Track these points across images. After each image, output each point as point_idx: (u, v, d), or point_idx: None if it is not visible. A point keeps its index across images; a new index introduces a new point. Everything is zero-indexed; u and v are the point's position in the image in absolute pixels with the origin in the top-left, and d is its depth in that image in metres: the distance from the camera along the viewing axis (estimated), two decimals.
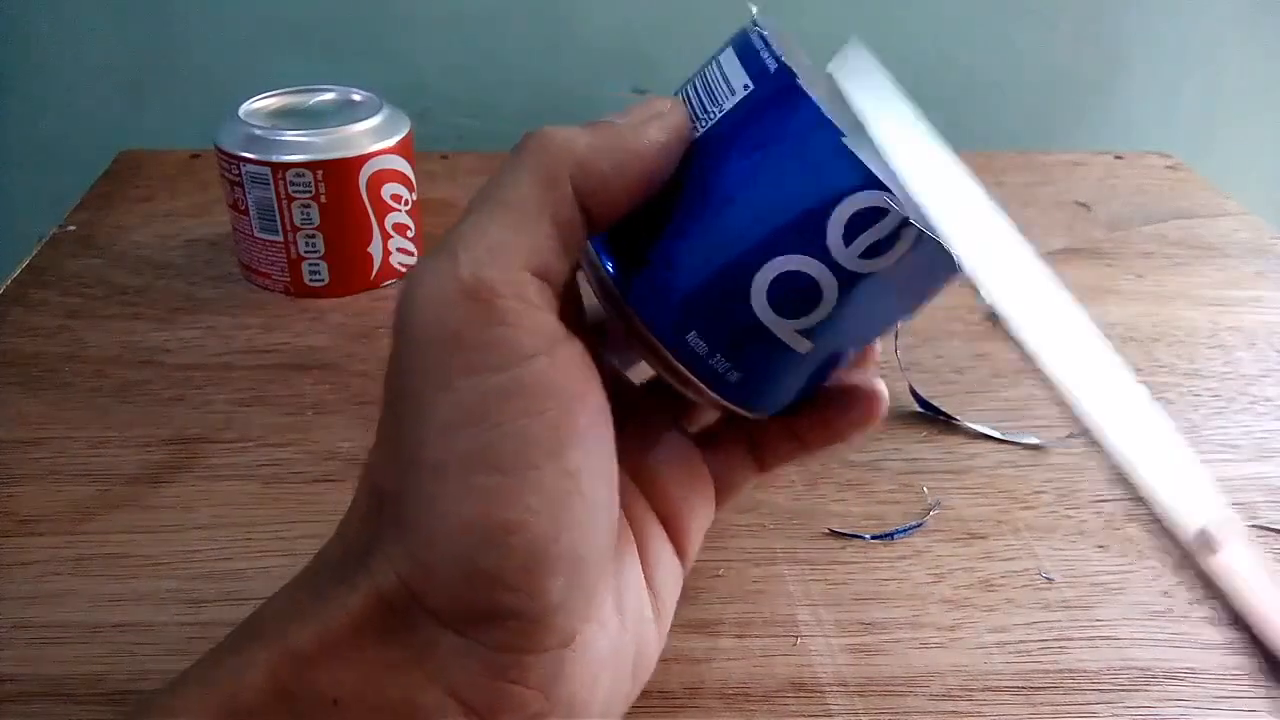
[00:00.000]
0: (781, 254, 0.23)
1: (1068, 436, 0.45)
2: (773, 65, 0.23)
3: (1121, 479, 0.18)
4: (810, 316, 0.24)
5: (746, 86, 0.24)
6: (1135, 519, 0.40)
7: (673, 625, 0.34)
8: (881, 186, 0.22)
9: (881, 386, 0.28)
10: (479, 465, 0.20)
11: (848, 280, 0.23)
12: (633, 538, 0.27)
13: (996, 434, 0.45)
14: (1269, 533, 0.40)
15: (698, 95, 0.25)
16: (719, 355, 0.25)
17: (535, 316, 0.21)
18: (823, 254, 0.23)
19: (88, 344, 0.49)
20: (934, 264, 0.24)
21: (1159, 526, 0.19)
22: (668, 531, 0.28)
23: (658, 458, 0.28)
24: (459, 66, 0.74)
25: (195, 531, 0.38)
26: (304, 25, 0.74)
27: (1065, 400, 0.21)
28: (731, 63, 0.24)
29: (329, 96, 0.55)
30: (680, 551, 0.29)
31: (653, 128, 0.23)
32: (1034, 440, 0.44)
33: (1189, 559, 0.19)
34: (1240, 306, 0.56)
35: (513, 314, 0.20)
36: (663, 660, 0.33)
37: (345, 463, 0.41)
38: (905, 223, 0.23)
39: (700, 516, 0.29)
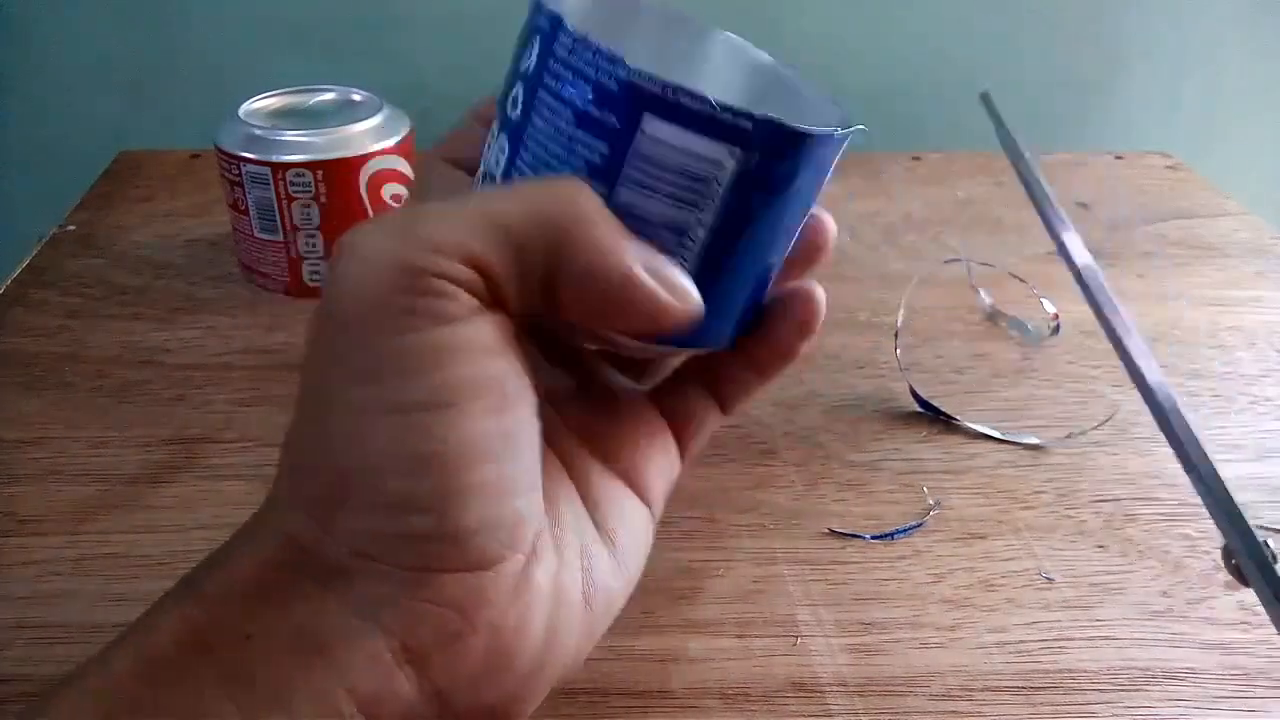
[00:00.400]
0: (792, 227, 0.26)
1: (1067, 436, 0.45)
2: (746, 123, 0.22)
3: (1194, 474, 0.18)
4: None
5: (731, 154, 0.23)
6: (1135, 519, 0.40)
7: (673, 625, 0.34)
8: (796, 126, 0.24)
9: (816, 289, 0.29)
10: (400, 408, 0.22)
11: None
12: (570, 481, 0.28)
13: (996, 434, 0.45)
14: (1269, 532, 0.40)
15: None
16: (739, 326, 0.27)
17: (456, 292, 0.22)
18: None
19: (88, 344, 0.49)
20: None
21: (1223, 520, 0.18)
22: (625, 480, 0.29)
23: (597, 409, 0.29)
24: (459, 66, 0.74)
25: (195, 531, 0.38)
26: (304, 25, 0.74)
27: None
28: (685, 135, 0.23)
29: (329, 96, 0.55)
30: (643, 497, 0.29)
31: (657, 296, 0.23)
32: (1034, 440, 0.44)
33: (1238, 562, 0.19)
34: (1240, 306, 0.56)
35: (434, 287, 0.22)
36: (662, 660, 0.33)
37: None
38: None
39: (658, 464, 0.29)
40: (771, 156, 0.23)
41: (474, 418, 0.22)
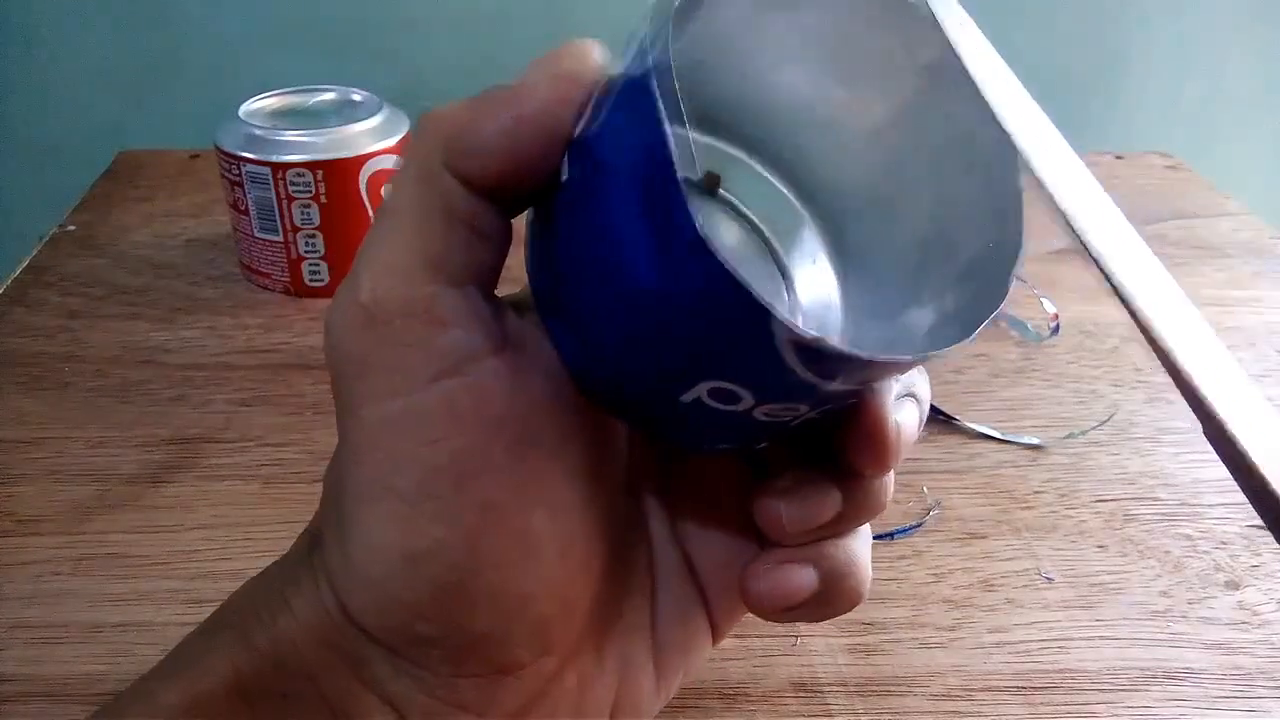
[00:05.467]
0: None
1: (1067, 436, 0.45)
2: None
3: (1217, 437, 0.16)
4: None
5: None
6: (1135, 519, 0.40)
7: None
8: None
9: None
10: (385, 493, 0.20)
11: None
12: (650, 578, 0.25)
13: (996, 434, 0.45)
14: (1269, 532, 0.40)
15: None
16: None
17: (438, 335, 0.20)
18: None
19: (88, 344, 0.49)
20: None
21: (1253, 488, 0.17)
22: (705, 595, 0.26)
23: (708, 514, 0.26)
24: (459, 67, 0.74)
25: (195, 531, 0.38)
26: (304, 25, 0.74)
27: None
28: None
29: (329, 96, 0.55)
30: (713, 618, 0.26)
31: (537, 87, 0.20)
32: (1034, 440, 0.44)
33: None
34: (1240, 306, 0.56)
35: (413, 334, 0.20)
36: None
37: None
38: None
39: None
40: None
41: (472, 509, 0.20)
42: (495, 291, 0.22)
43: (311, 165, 0.50)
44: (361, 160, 0.51)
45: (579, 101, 0.20)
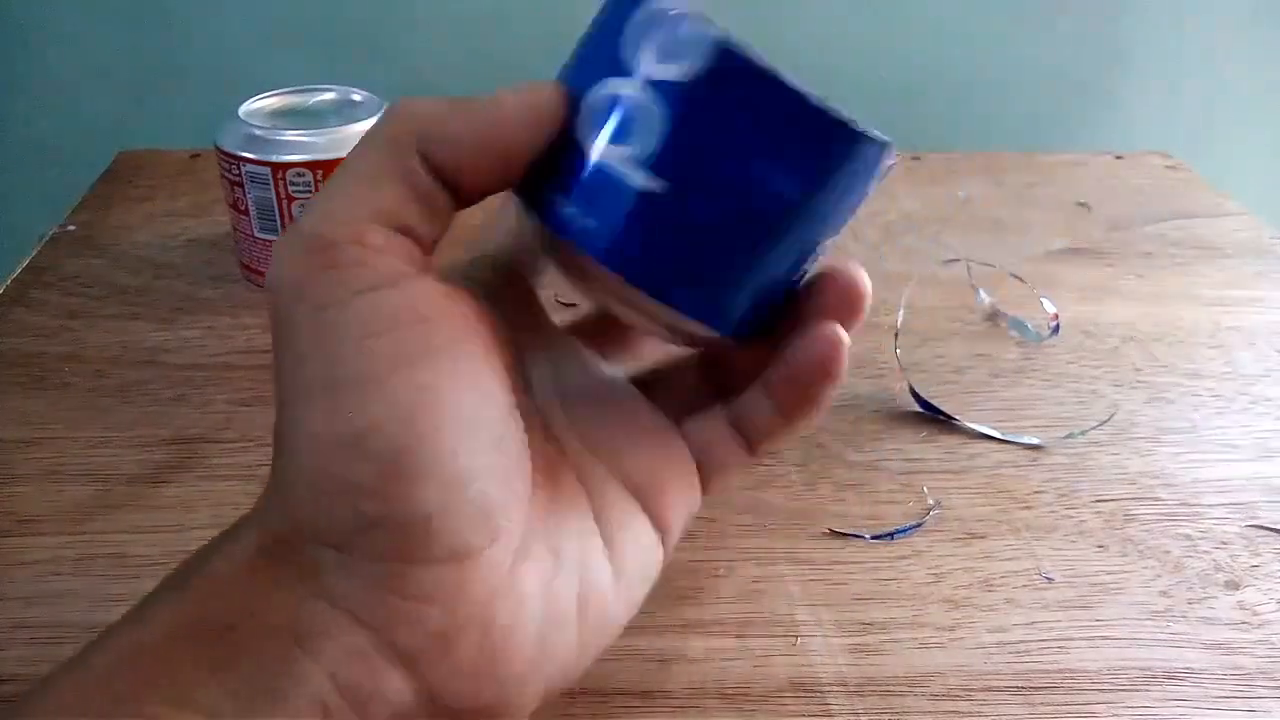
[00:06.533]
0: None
1: (1067, 436, 0.45)
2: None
3: None
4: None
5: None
6: (1135, 519, 0.40)
7: (673, 625, 0.34)
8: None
9: (840, 334, 0.26)
10: (327, 385, 0.22)
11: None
12: (582, 489, 0.26)
13: (996, 434, 0.45)
14: (1269, 532, 0.40)
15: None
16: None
17: (374, 258, 0.22)
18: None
19: (88, 344, 0.49)
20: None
21: None
22: (641, 502, 0.27)
23: (620, 429, 0.28)
24: (459, 66, 0.74)
25: (195, 531, 0.38)
26: (304, 25, 0.74)
27: None
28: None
29: (329, 96, 0.55)
30: (659, 523, 0.27)
31: (508, 99, 0.23)
32: (1034, 440, 0.44)
33: None
34: (1240, 306, 0.56)
35: (348, 257, 0.22)
36: (662, 660, 0.33)
37: None
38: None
39: (677, 491, 0.28)
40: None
41: (411, 390, 0.21)
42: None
43: (311, 165, 0.50)
44: None
45: (544, 133, 0.23)
